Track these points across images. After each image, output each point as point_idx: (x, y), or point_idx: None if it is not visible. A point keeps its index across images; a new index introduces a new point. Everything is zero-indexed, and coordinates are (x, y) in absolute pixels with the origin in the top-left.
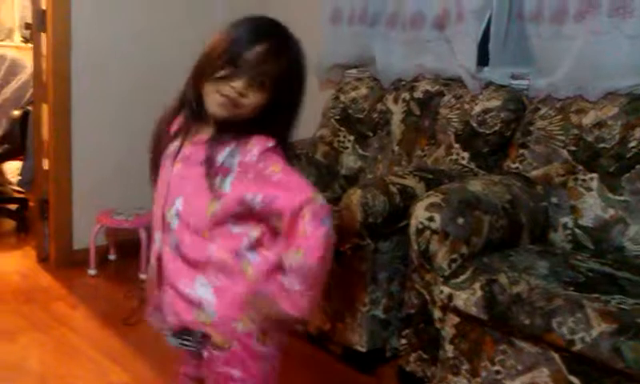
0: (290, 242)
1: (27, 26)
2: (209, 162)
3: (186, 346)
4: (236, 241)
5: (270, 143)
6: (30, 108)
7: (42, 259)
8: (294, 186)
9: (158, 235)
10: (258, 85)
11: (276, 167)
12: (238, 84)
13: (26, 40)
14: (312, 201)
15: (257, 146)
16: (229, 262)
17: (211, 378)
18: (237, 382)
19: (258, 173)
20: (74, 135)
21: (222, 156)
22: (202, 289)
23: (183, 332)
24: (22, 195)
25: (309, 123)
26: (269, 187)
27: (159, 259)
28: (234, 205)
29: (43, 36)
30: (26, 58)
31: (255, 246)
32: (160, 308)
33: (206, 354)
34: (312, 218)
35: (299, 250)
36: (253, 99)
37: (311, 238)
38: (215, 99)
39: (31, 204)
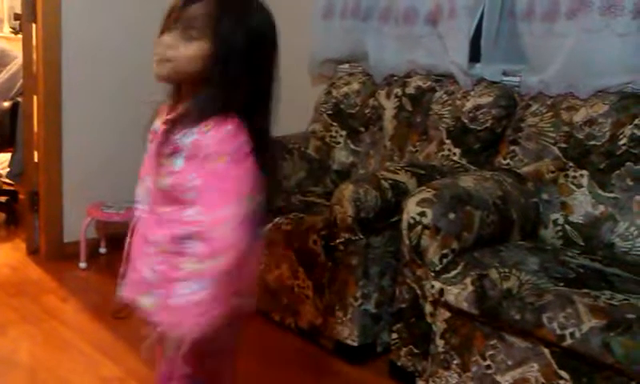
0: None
1: (16, 17)
2: (163, 139)
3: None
4: (181, 225)
5: (229, 126)
6: (19, 99)
7: (32, 252)
8: (217, 197)
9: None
10: (188, 34)
11: (222, 160)
12: (166, 38)
13: (15, 31)
14: (221, 222)
15: (214, 128)
16: (168, 247)
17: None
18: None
19: (206, 158)
20: (64, 127)
21: (179, 134)
22: (149, 273)
23: None
24: (11, 187)
25: (301, 118)
26: (205, 182)
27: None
28: (183, 184)
29: (33, 26)
30: (16, 49)
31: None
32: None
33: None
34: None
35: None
36: (185, 51)
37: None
38: (153, 59)
39: (21, 196)
